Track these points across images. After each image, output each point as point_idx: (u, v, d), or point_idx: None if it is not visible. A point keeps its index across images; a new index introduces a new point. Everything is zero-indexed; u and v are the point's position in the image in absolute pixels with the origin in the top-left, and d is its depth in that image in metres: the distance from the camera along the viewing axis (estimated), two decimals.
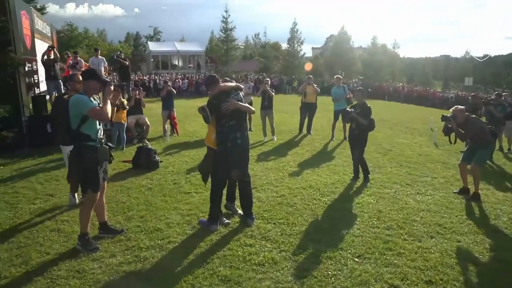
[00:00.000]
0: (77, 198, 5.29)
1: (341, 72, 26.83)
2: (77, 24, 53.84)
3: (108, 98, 3.75)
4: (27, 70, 10.07)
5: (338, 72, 31.30)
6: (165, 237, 4.30)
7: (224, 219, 4.72)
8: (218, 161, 4.51)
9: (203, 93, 24.84)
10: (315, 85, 11.40)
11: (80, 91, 3.86)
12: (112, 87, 3.77)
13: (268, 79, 11.84)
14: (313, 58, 55.14)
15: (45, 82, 11.39)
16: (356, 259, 3.90)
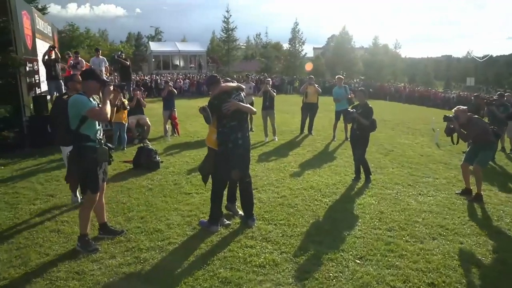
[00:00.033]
0: (79, 197, 5.26)
1: (342, 72, 26.84)
2: (78, 24, 53.89)
3: (108, 98, 3.72)
4: (28, 70, 10.07)
5: (340, 72, 31.26)
6: (165, 238, 4.28)
7: (225, 220, 4.69)
8: (219, 161, 4.49)
9: (204, 93, 24.85)
10: (316, 85, 11.37)
11: (79, 91, 3.84)
12: (111, 87, 3.75)
13: (269, 79, 11.79)
14: (314, 58, 55.06)
15: (46, 82, 11.38)
16: (358, 261, 3.87)
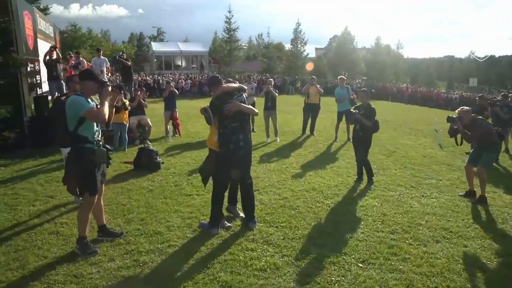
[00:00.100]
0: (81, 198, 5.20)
1: (344, 73, 26.77)
2: (81, 25, 54.32)
3: (106, 99, 3.67)
4: (29, 70, 10.06)
5: (342, 72, 31.23)
6: (165, 240, 4.22)
7: (226, 222, 4.64)
8: (220, 163, 4.43)
9: (206, 93, 24.82)
10: (318, 85, 11.29)
11: (77, 92, 3.79)
12: (109, 88, 3.69)
13: (271, 80, 11.72)
14: (316, 59, 54.96)
15: (47, 83, 11.36)
16: (360, 265, 3.81)
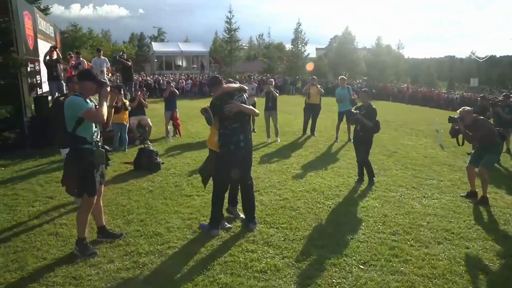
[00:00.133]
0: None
1: (345, 73, 26.69)
2: (82, 25, 54.29)
3: (104, 99, 3.63)
4: (30, 70, 10.04)
5: (342, 73, 31.15)
6: (165, 242, 4.19)
7: (226, 224, 4.61)
8: (221, 164, 4.40)
9: (206, 93, 24.80)
10: (319, 86, 11.27)
11: (76, 93, 3.76)
12: (108, 88, 3.66)
13: (272, 80, 11.69)
14: (317, 59, 54.95)
15: (47, 83, 11.34)
16: (361, 266, 3.78)
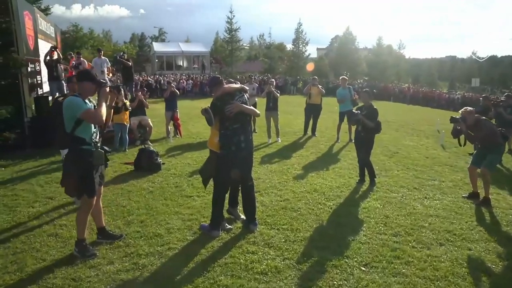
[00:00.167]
0: None
1: (346, 73, 26.60)
2: (83, 25, 54.53)
3: (103, 100, 3.61)
4: (30, 70, 10.03)
5: (343, 73, 31.07)
6: (165, 243, 4.17)
7: (226, 225, 4.58)
8: (221, 164, 4.38)
9: (207, 94, 24.75)
10: (320, 86, 11.24)
11: (74, 93, 3.74)
12: (107, 88, 3.64)
13: (273, 80, 11.66)
14: (318, 59, 54.93)
15: (48, 83, 11.33)
16: (363, 268, 3.75)
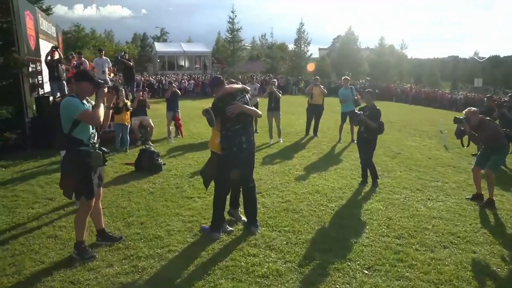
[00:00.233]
0: None
1: (348, 73, 26.51)
2: (85, 25, 54.57)
3: (101, 101, 3.56)
4: (31, 70, 9.98)
5: (345, 73, 30.98)
6: (165, 245, 4.12)
7: (227, 227, 4.53)
8: (223, 165, 4.33)
9: (209, 94, 24.65)
10: (322, 86, 11.19)
11: (72, 94, 3.69)
12: (105, 89, 3.59)
13: (275, 80, 11.61)
14: (319, 59, 54.76)
15: (49, 83, 11.30)
16: (366, 271, 3.69)
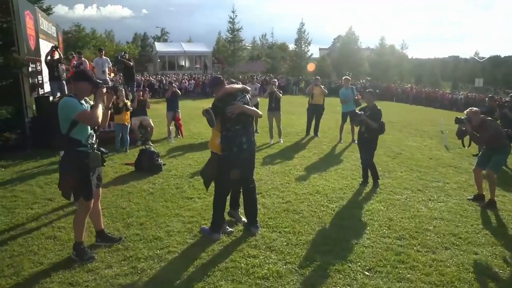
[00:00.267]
0: None
1: (348, 73, 26.46)
2: (85, 25, 54.50)
3: (100, 101, 3.53)
4: (31, 70, 9.96)
5: (346, 73, 30.95)
6: (164, 246, 4.09)
7: (227, 227, 4.51)
8: (223, 166, 4.30)
9: (209, 94, 24.66)
10: (322, 86, 11.16)
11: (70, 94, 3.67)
12: (104, 89, 3.56)
13: (275, 80, 11.57)
14: (320, 59, 54.71)
15: (49, 83, 11.28)
16: (367, 273, 3.66)
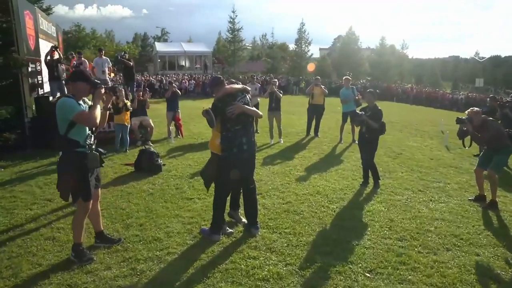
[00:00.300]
0: None
1: (349, 73, 26.42)
2: (86, 25, 54.62)
3: (98, 101, 3.50)
4: (31, 70, 9.94)
5: (346, 73, 30.92)
6: (164, 247, 4.07)
7: (227, 228, 4.48)
8: (223, 167, 4.28)
9: (209, 94, 24.63)
10: (322, 86, 11.13)
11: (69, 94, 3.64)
12: (102, 89, 3.53)
13: (275, 80, 11.53)
14: (320, 59, 54.66)
15: (48, 83, 11.26)
16: (368, 274, 3.64)
